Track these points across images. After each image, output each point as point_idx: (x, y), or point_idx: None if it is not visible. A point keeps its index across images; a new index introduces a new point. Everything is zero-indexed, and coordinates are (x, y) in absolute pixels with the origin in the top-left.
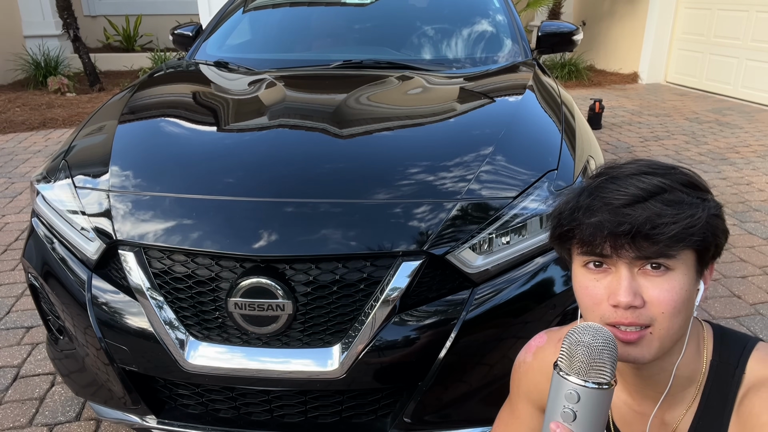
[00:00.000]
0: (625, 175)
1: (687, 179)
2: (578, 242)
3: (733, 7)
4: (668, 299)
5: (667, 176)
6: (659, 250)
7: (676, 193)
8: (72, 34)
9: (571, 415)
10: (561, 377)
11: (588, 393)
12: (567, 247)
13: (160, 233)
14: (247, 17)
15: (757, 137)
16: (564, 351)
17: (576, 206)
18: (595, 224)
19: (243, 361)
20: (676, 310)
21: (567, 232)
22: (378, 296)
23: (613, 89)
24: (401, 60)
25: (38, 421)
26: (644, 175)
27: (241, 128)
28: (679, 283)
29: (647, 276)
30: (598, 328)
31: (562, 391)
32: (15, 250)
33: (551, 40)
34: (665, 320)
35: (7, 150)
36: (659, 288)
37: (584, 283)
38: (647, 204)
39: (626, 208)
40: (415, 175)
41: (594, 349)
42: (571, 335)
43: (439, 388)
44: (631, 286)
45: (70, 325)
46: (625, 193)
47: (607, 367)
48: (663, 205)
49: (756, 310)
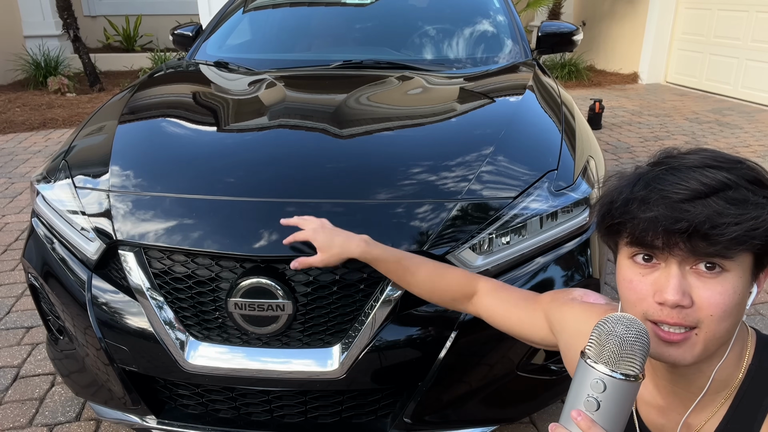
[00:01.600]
0: (686, 167)
1: (754, 175)
2: (629, 236)
3: (733, 7)
4: (719, 302)
5: (733, 171)
6: (716, 251)
7: (741, 190)
8: (72, 34)
9: (595, 404)
10: (588, 365)
11: (615, 383)
12: (615, 239)
13: (160, 233)
14: (247, 17)
15: (757, 137)
16: (594, 339)
17: (630, 197)
18: (651, 219)
19: (243, 361)
20: (726, 313)
21: (618, 224)
22: (378, 296)
23: (613, 89)
24: (401, 60)
25: (38, 421)
26: (708, 168)
27: (241, 128)
28: (732, 286)
29: (699, 276)
30: (632, 320)
31: (587, 379)
32: (15, 250)
33: (551, 40)
34: (713, 323)
35: (7, 150)
36: (711, 290)
37: (629, 277)
38: (709, 201)
39: (685, 204)
40: (415, 176)
41: (626, 340)
42: (603, 324)
43: (439, 388)
44: (681, 285)
45: (70, 325)
46: (686, 188)
47: (637, 359)
48: (726, 203)
49: (756, 310)
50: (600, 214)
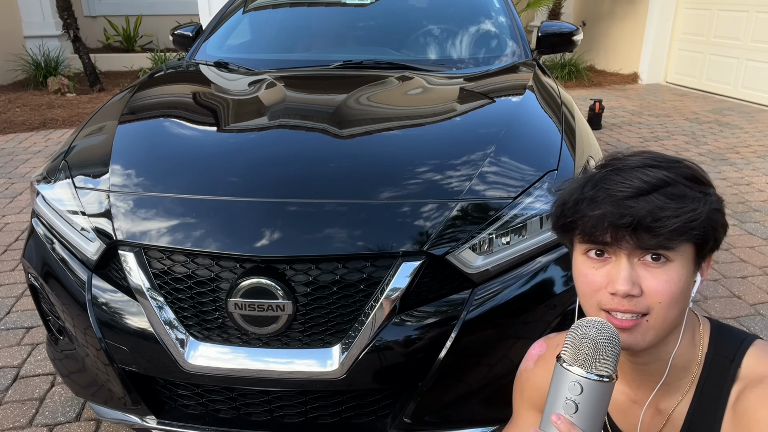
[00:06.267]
0: (629, 168)
1: (691, 173)
2: (580, 232)
3: (733, 7)
4: (666, 290)
5: (672, 169)
6: (659, 243)
7: (679, 186)
8: (72, 34)
9: (573, 406)
10: (564, 369)
11: (591, 384)
12: (569, 236)
13: (160, 233)
14: (247, 17)
15: (757, 137)
16: (568, 344)
17: (580, 197)
18: (599, 216)
19: (243, 361)
20: (673, 300)
21: (570, 222)
22: (378, 296)
23: (613, 89)
24: (401, 60)
25: (38, 421)
26: (649, 167)
27: (241, 128)
28: (677, 275)
29: (647, 266)
30: (603, 323)
31: (565, 383)
32: (15, 250)
33: (551, 40)
34: (662, 310)
35: (7, 150)
36: (658, 279)
37: (584, 271)
38: (650, 197)
39: (629, 201)
40: (415, 176)
41: (599, 342)
42: (576, 329)
43: (439, 388)
44: (630, 276)
45: (70, 326)
46: (630, 186)
47: (610, 360)
48: (666, 198)
49: (756, 310)
50: (554, 215)
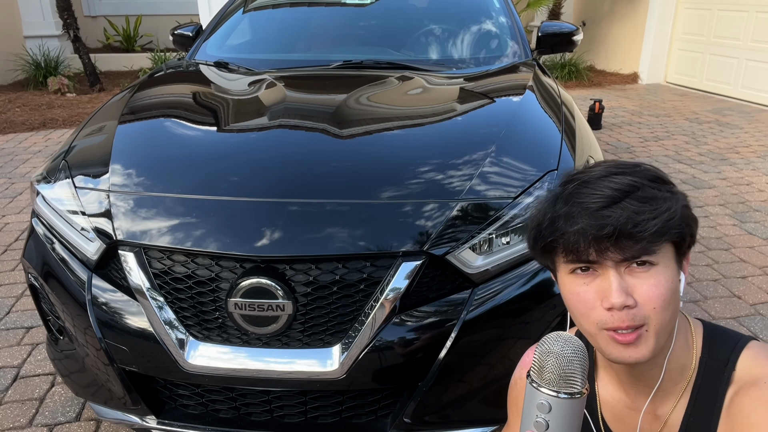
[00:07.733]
0: (595, 178)
1: (653, 174)
2: (563, 251)
3: (733, 7)
4: (657, 294)
5: (635, 174)
6: (643, 248)
7: (647, 189)
8: (72, 34)
9: (544, 424)
10: (533, 388)
11: (559, 403)
12: (551, 258)
13: (160, 233)
14: (247, 17)
15: (757, 137)
16: (535, 361)
17: (555, 215)
18: (579, 231)
19: (243, 361)
20: (666, 303)
21: (550, 243)
22: (378, 296)
23: (613, 89)
24: (401, 60)
25: (38, 421)
26: (614, 175)
27: (241, 128)
28: (664, 277)
29: (634, 274)
30: (568, 338)
31: (534, 401)
32: (15, 250)
33: (551, 40)
34: (658, 315)
35: (7, 150)
36: (647, 284)
37: (574, 290)
38: (624, 203)
39: (605, 210)
40: (415, 176)
41: (563, 358)
42: (541, 345)
43: (439, 388)
44: (622, 286)
45: (70, 326)
46: (601, 195)
47: (577, 376)
48: (639, 202)
49: (756, 310)
50: (531, 238)
